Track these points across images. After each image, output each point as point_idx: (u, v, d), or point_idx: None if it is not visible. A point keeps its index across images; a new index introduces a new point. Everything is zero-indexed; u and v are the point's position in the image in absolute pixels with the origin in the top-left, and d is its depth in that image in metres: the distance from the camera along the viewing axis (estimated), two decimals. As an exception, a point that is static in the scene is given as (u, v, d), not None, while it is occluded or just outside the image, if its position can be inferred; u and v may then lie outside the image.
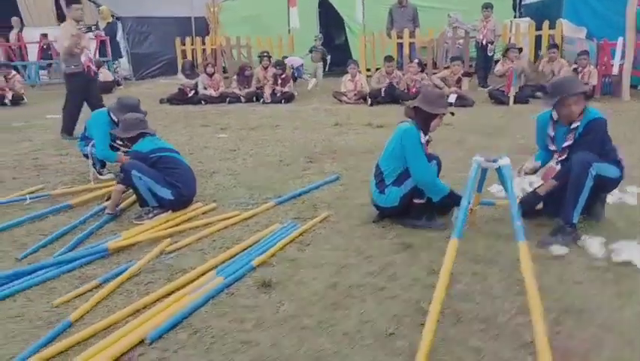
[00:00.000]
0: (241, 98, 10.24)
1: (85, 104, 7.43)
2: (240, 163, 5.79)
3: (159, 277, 3.24)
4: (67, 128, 7.42)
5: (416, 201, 3.76)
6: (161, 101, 10.46)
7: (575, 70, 8.92)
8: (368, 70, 11.29)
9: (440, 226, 3.75)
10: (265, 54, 10.60)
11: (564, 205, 3.50)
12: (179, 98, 10.34)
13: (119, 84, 12.88)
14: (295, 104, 9.81)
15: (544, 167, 3.86)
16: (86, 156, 5.48)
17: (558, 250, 3.31)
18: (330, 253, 3.46)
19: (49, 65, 15.02)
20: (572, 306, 2.72)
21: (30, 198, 4.77)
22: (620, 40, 8.60)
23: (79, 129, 6.54)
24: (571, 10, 10.60)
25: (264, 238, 3.68)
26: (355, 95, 9.51)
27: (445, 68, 10.68)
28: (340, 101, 9.56)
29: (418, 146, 3.66)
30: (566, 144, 3.67)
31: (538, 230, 3.60)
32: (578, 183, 3.42)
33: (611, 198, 3.99)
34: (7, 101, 10.95)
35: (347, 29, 12.99)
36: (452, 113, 3.95)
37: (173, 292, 3.01)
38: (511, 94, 8.74)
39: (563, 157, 3.69)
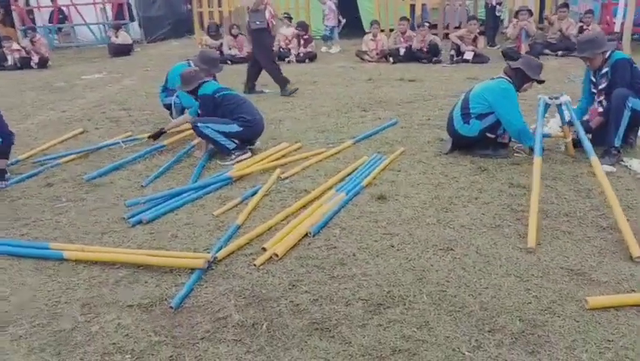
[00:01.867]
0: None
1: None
2: (299, 113, 6.44)
3: (287, 196, 3.95)
4: (281, 80, 7.57)
5: (488, 135, 4.50)
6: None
7: (580, 28, 9.68)
8: (382, 31, 11.84)
9: (505, 155, 4.50)
10: (286, 15, 11.11)
11: (608, 133, 4.28)
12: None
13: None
14: (320, 63, 10.41)
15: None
16: (167, 106, 6.07)
17: (608, 168, 4.10)
18: (420, 176, 4.19)
19: (59, 29, 15.23)
20: (630, 204, 3.51)
21: (123, 143, 5.41)
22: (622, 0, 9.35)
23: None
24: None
25: (360, 167, 4.40)
26: (378, 54, 10.14)
27: (456, 27, 11.37)
28: (363, 59, 10.17)
29: (515, 103, 4.38)
30: (601, 87, 4.46)
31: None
32: (618, 113, 4.21)
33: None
34: (33, 64, 11.29)
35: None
36: (542, 81, 4.59)
37: (308, 204, 3.73)
38: (523, 51, 9.44)
39: (602, 98, 4.47)
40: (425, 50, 9.70)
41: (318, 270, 2.89)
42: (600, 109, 4.51)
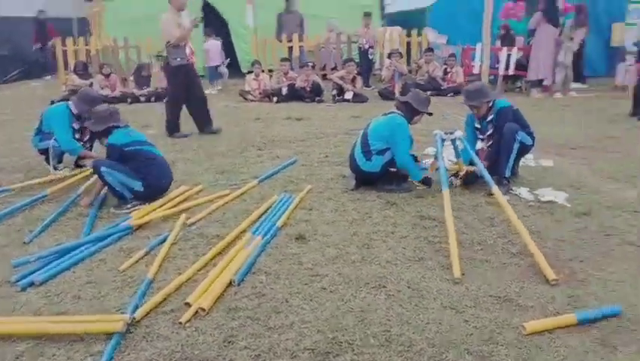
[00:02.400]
0: (140, 98, 10.28)
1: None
2: (192, 154, 6.15)
3: (198, 243, 3.68)
4: (172, 126, 7.11)
5: (391, 169, 4.62)
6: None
7: (445, 70, 10.55)
8: (262, 72, 11.92)
9: (408, 188, 4.65)
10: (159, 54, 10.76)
11: (499, 165, 4.61)
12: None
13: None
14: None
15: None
16: (42, 151, 5.46)
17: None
18: (334, 214, 4.16)
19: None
20: (530, 230, 3.77)
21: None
22: (479, 45, 10.37)
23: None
24: (434, 21, 12.36)
25: (270, 207, 4.26)
26: (260, 93, 10.14)
27: (332, 69, 11.83)
28: (246, 99, 10.11)
29: (407, 136, 4.53)
30: (489, 133, 4.82)
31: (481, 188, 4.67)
32: (509, 146, 4.56)
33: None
34: None
35: (231, 32, 13.45)
36: (430, 114, 4.83)
37: (224, 250, 3.51)
38: (397, 90, 10.04)
39: (490, 142, 4.83)
40: (308, 89, 9.90)
41: (252, 321, 2.68)
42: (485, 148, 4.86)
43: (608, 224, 3.85)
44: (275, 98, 9.95)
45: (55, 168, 5.45)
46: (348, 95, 9.90)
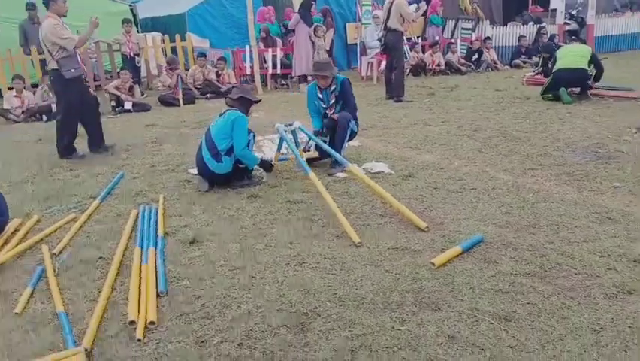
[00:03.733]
0: None
1: None
2: (-9, 185, 5.32)
3: (86, 269, 3.39)
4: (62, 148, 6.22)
5: (240, 166, 4.83)
6: None
7: (217, 72, 10.87)
8: (10, 89, 10.48)
9: (259, 181, 4.94)
10: None
11: (335, 148, 5.21)
12: None
13: None
14: None
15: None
16: None
17: (340, 174, 5.04)
18: (206, 215, 4.22)
19: None
20: (371, 196, 4.45)
21: None
22: (248, 47, 11.02)
23: None
24: (194, 26, 12.56)
25: (140, 220, 4.09)
26: (24, 112, 9.00)
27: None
28: (8, 119, 8.87)
29: (245, 128, 4.74)
30: (332, 101, 5.42)
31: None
32: (343, 131, 5.23)
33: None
34: None
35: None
36: (259, 101, 5.12)
37: (118, 270, 3.32)
38: (180, 95, 10.02)
39: (332, 111, 5.42)
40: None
41: (210, 321, 2.72)
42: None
43: (431, 180, 4.80)
44: (44, 117, 8.96)
45: None
46: (128, 105, 9.50)
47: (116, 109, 9.41)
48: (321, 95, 5.49)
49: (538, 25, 14.90)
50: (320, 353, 2.40)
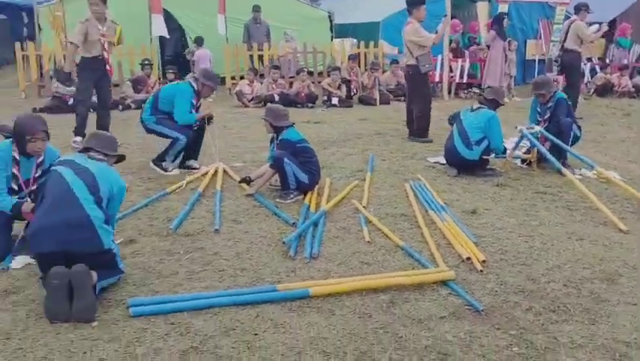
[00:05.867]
0: (131, 104, 10.20)
1: None
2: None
3: (395, 220, 4.38)
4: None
5: (484, 157, 5.65)
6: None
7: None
8: (233, 78, 12.29)
9: (499, 173, 5.70)
10: (146, 62, 10.78)
11: (560, 151, 5.81)
12: (60, 107, 9.69)
13: None
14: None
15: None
16: (156, 132, 5.70)
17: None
18: (466, 194, 5.07)
19: None
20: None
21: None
22: (440, 57, 11.86)
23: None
24: (386, 34, 13.68)
25: (415, 192, 5.05)
26: (252, 99, 10.61)
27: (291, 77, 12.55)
28: (244, 104, 10.51)
29: (499, 125, 5.61)
30: (546, 117, 6.07)
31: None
32: (567, 137, 5.78)
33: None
34: None
35: (189, 40, 13.56)
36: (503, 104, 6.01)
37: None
38: (376, 96, 11.13)
39: (545, 125, 6.07)
40: (304, 95, 10.57)
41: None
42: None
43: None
44: (268, 105, 10.47)
45: (165, 170, 5.68)
46: (335, 101, 10.77)
47: (326, 103, 10.72)
48: (539, 109, 6.14)
49: None
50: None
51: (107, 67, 6.89)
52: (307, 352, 2.59)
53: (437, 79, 12.10)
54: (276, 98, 10.60)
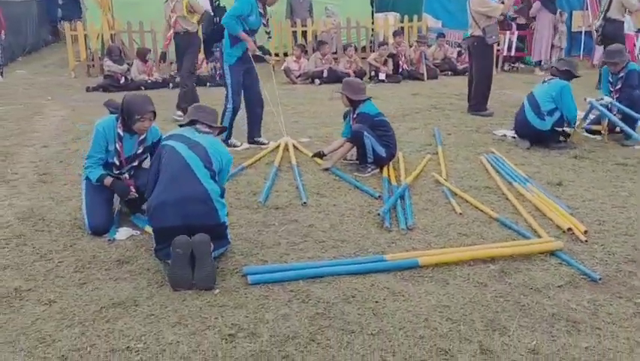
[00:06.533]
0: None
1: None
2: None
3: (476, 193, 4.37)
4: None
5: (557, 128, 5.58)
6: (88, 89, 9.76)
7: (459, 52, 11.65)
8: (277, 55, 12.25)
9: (574, 146, 5.61)
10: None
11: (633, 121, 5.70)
12: (113, 85, 9.80)
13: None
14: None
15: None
16: (224, 75, 5.76)
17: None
18: (545, 166, 5.01)
19: None
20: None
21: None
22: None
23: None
24: (429, 7, 13.45)
25: (493, 165, 5.01)
26: (300, 75, 10.59)
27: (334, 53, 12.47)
28: (292, 80, 10.48)
29: (572, 95, 5.53)
30: (617, 87, 5.93)
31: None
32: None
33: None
34: None
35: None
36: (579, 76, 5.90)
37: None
38: (423, 71, 10.99)
39: (616, 95, 5.93)
40: (353, 72, 10.50)
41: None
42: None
43: None
44: (317, 81, 10.45)
45: (235, 146, 5.73)
46: (382, 76, 10.66)
47: (374, 79, 10.63)
48: (611, 79, 5.99)
49: None
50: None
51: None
52: (434, 319, 2.62)
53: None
54: (325, 74, 10.57)
